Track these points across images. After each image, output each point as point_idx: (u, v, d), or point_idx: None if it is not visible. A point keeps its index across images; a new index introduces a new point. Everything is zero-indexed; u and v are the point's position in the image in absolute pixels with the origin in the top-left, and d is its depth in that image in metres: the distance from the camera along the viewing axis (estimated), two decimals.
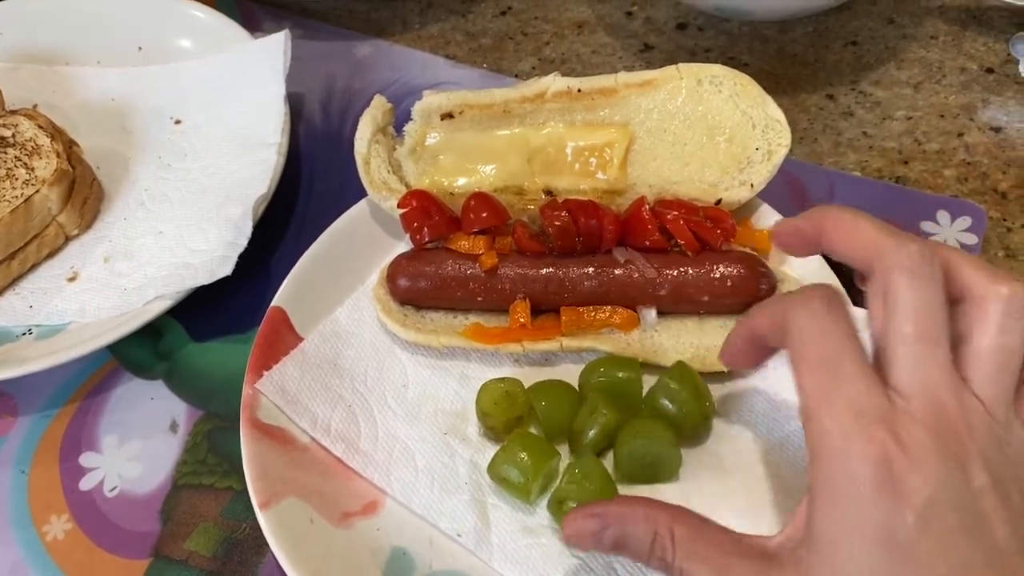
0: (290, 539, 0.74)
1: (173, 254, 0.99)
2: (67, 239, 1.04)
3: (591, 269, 0.86)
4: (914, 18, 1.20)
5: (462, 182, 0.92)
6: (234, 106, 1.11)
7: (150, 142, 1.13)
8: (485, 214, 0.87)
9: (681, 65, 0.91)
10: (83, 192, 1.03)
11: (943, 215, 0.97)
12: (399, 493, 0.80)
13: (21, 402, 0.95)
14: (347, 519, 0.78)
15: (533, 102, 0.91)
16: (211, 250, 0.96)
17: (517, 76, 1.20)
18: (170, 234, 1.01)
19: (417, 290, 0.88)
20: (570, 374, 0.85)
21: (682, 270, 0.85)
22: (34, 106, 1.13)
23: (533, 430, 0.82)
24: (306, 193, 1.09)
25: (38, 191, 0.98)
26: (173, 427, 0.92)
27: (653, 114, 0.91)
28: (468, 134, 0.93)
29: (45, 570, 0.83)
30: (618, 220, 0.87)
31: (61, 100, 1.17)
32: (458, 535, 0.77)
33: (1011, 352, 0.56)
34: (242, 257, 0.94)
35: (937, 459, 0.52)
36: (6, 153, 1.01)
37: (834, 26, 1.20)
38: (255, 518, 0.76)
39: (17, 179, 0.99)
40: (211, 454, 0.89)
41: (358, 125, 0.94)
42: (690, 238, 0.85)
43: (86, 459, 0.90)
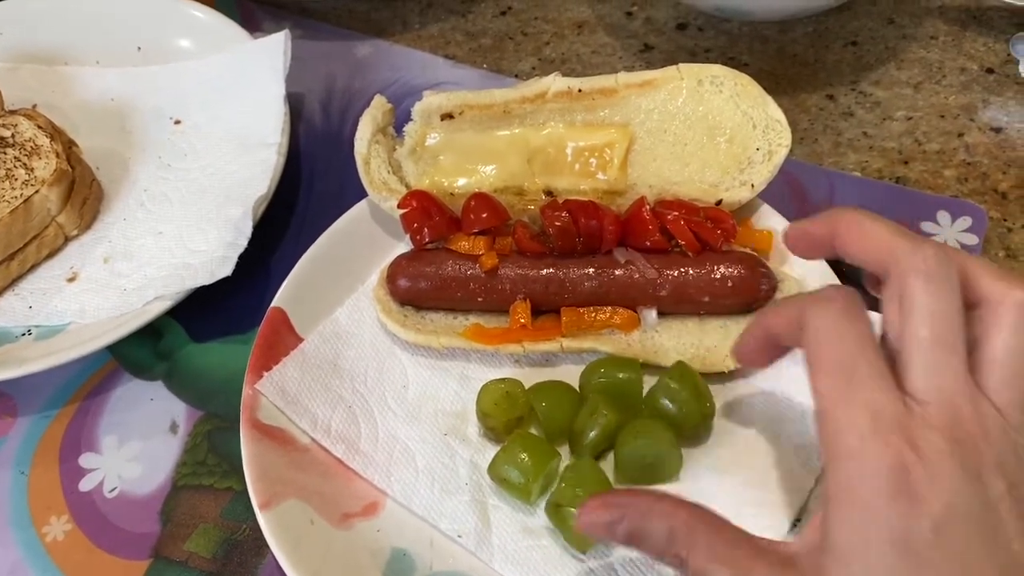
0: (290, 540, 0.74)
1: (173, 254, 0.99)
2: (66, 239, 1.04)
3: (591, 270, 0.86)
4: (914, 18, 1.20)
5: (462, 182, 0.92)
6: (234, 106, 1.11)
7: (150, 142, 1.12)
8: (485, 214, 0.87)
9: (682, 65, 0.91)
10: (82, 192, 1.03)
11: (943, 215, 0.97)
12: (399, 494, 0.80)
13: (20, 403, 0.95)
14: (347, 520, 0.78)
15: (533, 102, 0.91)
16: (211, 250, 0.96)
17: (517, 76, 1.20)
18: (170, 234, 1.01)
19: (417, 291, 0.88)
20: (570, 375, 0.85)
21: (683, 270, 0.85)
22: (34, 106, 1.12)
23: (533, 431, 0.82)
24: (306, 193, 1.09)
25: (37, 191, 0.98)
26: (173, 428, 0.91)
27: (653, 114, 0.91)
28: (468, 134, 0.93)
29: (45, 571, 0.83)
30: (618, 220, 0.87)
31: (61, 100, 1.17)
32: (458, 536, 0.77)
33: None
34: (242, 257, 0.94)
35: (953, 466, 0.52)
36: (5, 153, 1.01)
37: (834, 26, 1.20)
38: (255, 519, 0.76)
39: (16, 179, 0.99)
40: (211, 455, 0.89)
41: (358, 125, 0.94)
42: (691, 238, 0.85)
43: (86, 460, 0.90)
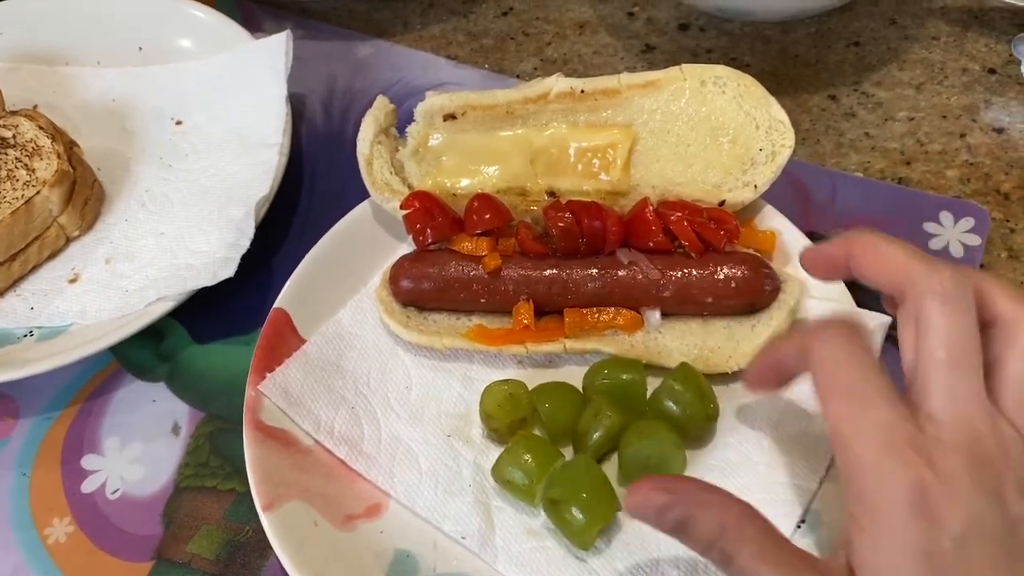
0: (294, 542, 0.74)
1: (175, 255, 0.98)
2: (68, 240, 1.04)
3: (595, 270, 0.86)
4: (916, 19, 1.20)
5: (465, 183, 0.92)
6: (235, 106, 1.11)
7: (151, 143, 1.12)
8: (488, 215, 0.87)
9: (684, 66, 0.90)
10: (84, 193, 1.03)
11: (946, 216, 0.97)
12: (403, 495, 0.80)
13: (23, 404, 0.95)
14: (351, 522, 0.78)
15: (536, 103, 0.91)
16: (213, 251, 0.96)
17: (519, 77, 1.20)
18: (171, 235, 1.01)
19: (420, 292, 0.88)
20: (574, 376, 0.85)
21: (686, 271, 0.85)
22: (35, 107, 1.12)
23: (537, 432, 0.82)
24: (308, 194, 1.09)
25: (39, 192, 0.98)
26: (175, 429, 0.91)
27: (656, 115, 0.91)
28: (471, 135, 0.93)
29: (47, 573, 0.83)
30: (622, 221, 0.87)
31: (61, 100, 1.17)
32: (462, 537, 0.77)
33: None
34: (244, 258, 0.93)
35: (972, 486, 0.52)
36: (7, 154, 1.01)
37: (836, 27, 1.20)
38: (258, 521, 0.75)
39: (18, 180, 0.98)
40: (213, 456, 0.89)
41: (361, 126, 0.94)
42: (694, 239, 0.85)
43: (88, 461, 0.90)
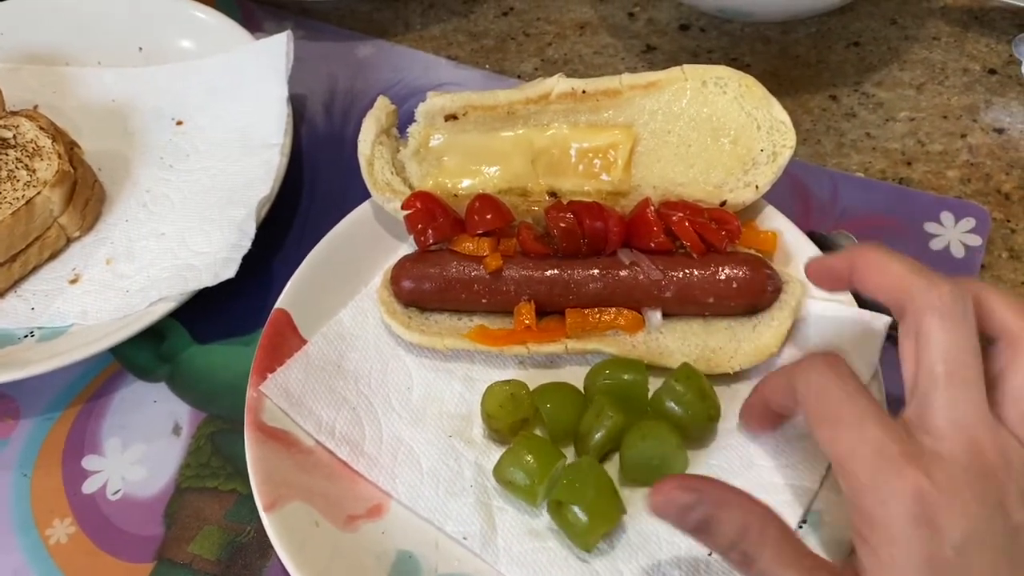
0: (295, 542, 0.74)
1: (176, 256, 0.98)
2: (68, 241, 1.03)
3: (596, 271, 0.86)
4: (916, 19, 1.20)
5: (466, 184, 0.92)
6: (236, 107, 1.10)
7: (152, 143, 1.12)
8: (489, 216, 0.87)
9: (686, 66, 0.90)
10: (84, 193, 1.03)
11: (947, 216, 0.97)
12: (404, 496, 0.79)
13: (23, 405, 0.94)
14: (352, 522, 0.78)
15: (537, 103, 0.91)
16: (214, 252, 0.96)
17: (520, 77, 1.20)
18: (172, 236, 1.01)
19: (421, 292, 0.88)
20: (575, 376, 0.85)
21: (687, 272, 0.85)
22: (35, 107, 1.12)
23: (538, 433, 0.82)
24: (309, 194, 1.09)
25: (39, 193, 0.97)
26: (176, 430, 0.91)
27: (658, 115, 0.91)
28: (472, 135, 0.93)
29: (48, 574, 0.83)
30: (623, 222, 0.87)
31: (62, 101, 1.17)
32: (464, 538, 0.77)
33: None
34: (245, 259, 0.93)
35: (971, 495, 0.53)
36: (7, 155, 1.00)
37: (836, 27, 1.20)
38: (259, 521, 0.75)
39: (18, 181, 0.98)
40: (214, 457, 0.89)
41: (362, 126, 0.94)
42: (695, 240, 0.85)
43: (89, 462, 0.90)
